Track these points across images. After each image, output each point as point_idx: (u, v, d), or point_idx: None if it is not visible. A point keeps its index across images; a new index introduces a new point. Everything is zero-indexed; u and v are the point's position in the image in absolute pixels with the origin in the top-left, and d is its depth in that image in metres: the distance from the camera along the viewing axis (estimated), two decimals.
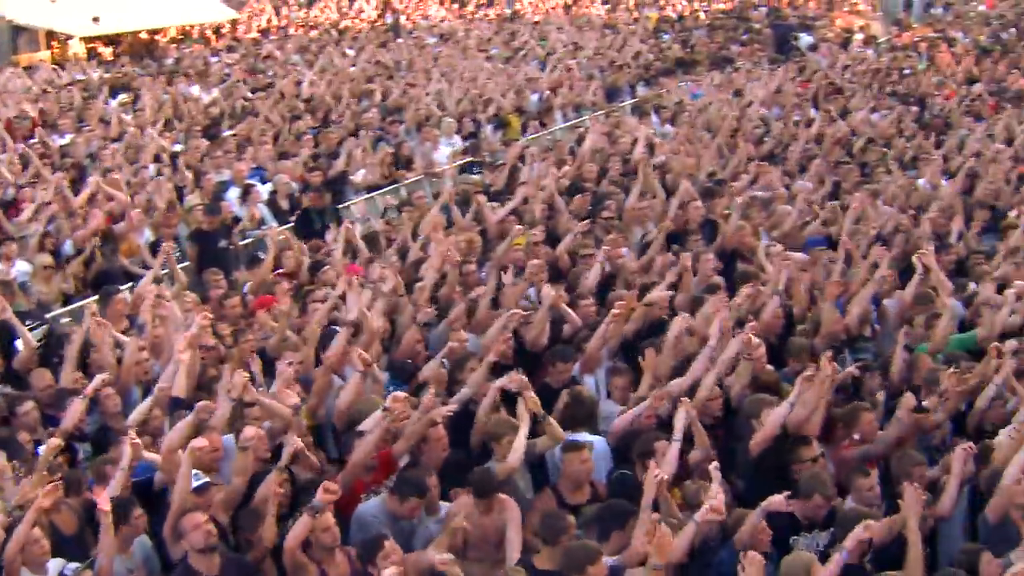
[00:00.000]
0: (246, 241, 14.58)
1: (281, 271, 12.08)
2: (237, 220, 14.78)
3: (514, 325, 9.86)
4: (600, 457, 8.57)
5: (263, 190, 15.78)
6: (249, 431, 7.85)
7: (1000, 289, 11.25)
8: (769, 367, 9.56)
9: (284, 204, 15.88)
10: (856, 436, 8.81)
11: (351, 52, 26.14)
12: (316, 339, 10.03)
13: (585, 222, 13.06)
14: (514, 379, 8.54)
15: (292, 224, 15.00)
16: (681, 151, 16.54)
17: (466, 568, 7.01)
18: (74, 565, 7.20)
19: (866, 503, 7.76)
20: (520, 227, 12.54)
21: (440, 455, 8.32)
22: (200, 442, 7.56)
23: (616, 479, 8.22)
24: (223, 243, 13.94)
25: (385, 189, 17.09)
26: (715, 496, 7.01)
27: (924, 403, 8.91)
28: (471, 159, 18.26)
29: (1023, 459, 7.62)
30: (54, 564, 7.15)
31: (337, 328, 9.99)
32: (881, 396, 9.47)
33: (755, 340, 9.10)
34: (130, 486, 7.70)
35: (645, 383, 9.30)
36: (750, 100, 20.98)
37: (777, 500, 7.14)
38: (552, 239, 12.98)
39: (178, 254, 12.78)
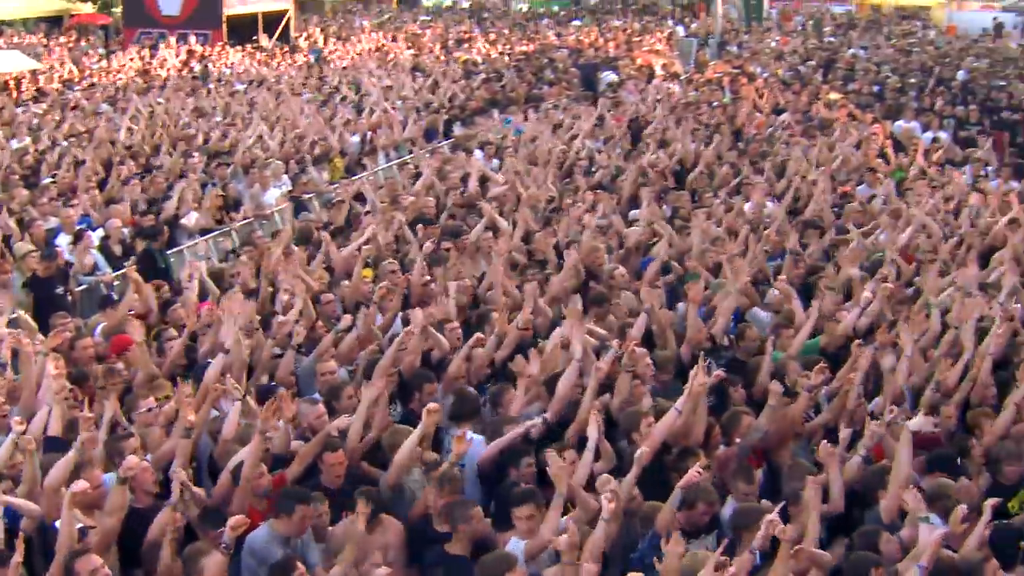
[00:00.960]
0: (81, 287, 14.28)
1: (132, 312, 11.77)
2: (69, 266, 14.40)
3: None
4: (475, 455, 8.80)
5: (94, 236, 15.35)
6: (131, 460, 7.64)
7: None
8: None
9: (117, 249, 15.51)
10: (737, 440, 9.09)
11: (161, 100, 25.59)
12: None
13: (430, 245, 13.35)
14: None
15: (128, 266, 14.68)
16: (516, 183, 16.74)
17: None
18: None
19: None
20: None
21: (336, 479, 8.26)
22: (80, 485, 7.33)
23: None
24: (59, 289, 13.65)
25: (216, 232, 16.87)
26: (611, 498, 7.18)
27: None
28: (299, 198, 18.19)
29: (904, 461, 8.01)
30: None
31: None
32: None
33: (639, 351, 9.33)
34: None
35: (519, 399, 9.44)
36: (574, 133, 21.38)
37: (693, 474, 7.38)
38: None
39: None
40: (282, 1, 43.26)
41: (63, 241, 15.15)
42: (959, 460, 8.96)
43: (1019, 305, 11.76)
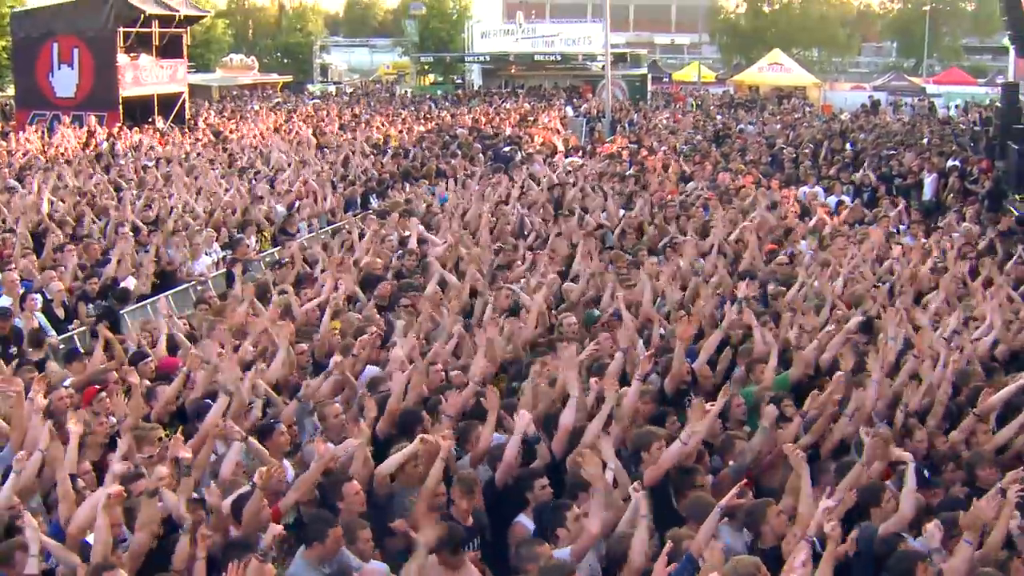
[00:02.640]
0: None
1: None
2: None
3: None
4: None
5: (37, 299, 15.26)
6: (161, 470, 7.70)
7: None
8: None
9: (60, 312, 15.43)
10: (731, 463, 9.45)
11: (68, 176, 25.40)
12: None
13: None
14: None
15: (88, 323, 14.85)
16: (457, 244, 17.09)
17: None
18: None
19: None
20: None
21: (360, 507, 8.38)
22: (115, 488, 7.41)
23: None
24: (12, 350, 13.51)
25: (152, 299, 16.84)
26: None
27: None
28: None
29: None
30: None
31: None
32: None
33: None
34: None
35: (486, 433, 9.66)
36: (498, 200, 21.86)
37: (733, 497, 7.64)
38: None
39: None
40: (177, 84, 43.33)
41: (4, 303, 14.99)
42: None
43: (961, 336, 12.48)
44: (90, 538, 7.54)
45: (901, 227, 21.35)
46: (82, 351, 12.86)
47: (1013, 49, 42.81)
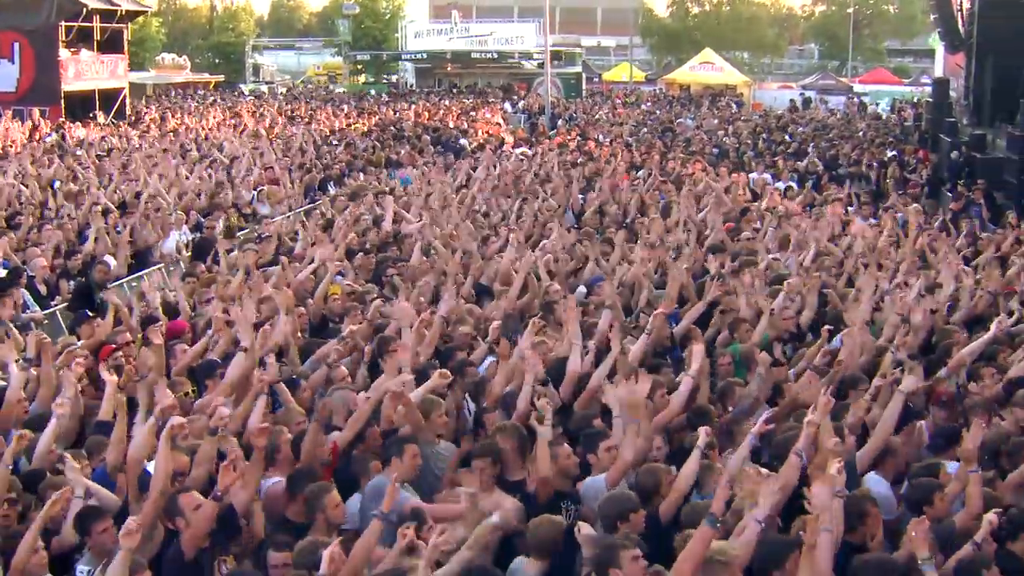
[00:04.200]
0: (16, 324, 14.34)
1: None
2: None
3: None
4: None
5: None
6: (223, 410, 8.03)
7: None
8: None
9: (42, 288, 15.61)
10: (731, 408, 9.99)
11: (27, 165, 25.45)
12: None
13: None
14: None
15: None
16: (434, 220, 17.56)
17: None
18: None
19: None
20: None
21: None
22: (177, 420, 7.75)
23: None
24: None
25: (129, 277, 17.07)
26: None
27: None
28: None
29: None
30: None
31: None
32: None
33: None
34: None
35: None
36: (462, 184, 22.40)
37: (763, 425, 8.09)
38: None
39: None
40: (117, 80, 43.27)
41: None
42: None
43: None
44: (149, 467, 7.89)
45: (850, 208, 22.10)
46: (64, 327, 13.07)
47: (943, 46, 44.25)
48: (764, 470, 7.11)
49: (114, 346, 11.30)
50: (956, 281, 14.11)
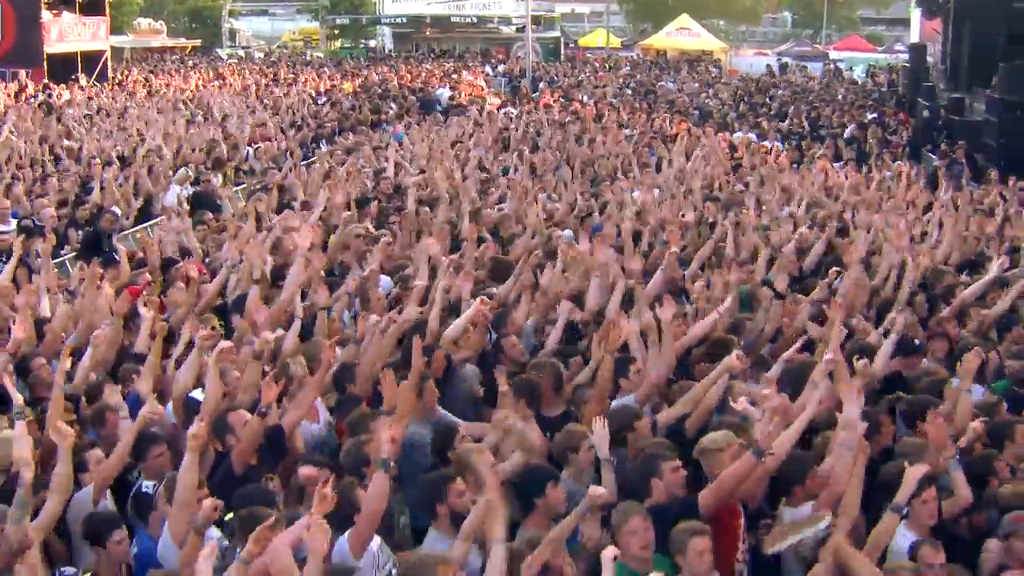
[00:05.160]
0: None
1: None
2: None
3: None
4: None
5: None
6: (268, 335, 8.42)
7: None
8: None
9: (52, 238, 15.85)
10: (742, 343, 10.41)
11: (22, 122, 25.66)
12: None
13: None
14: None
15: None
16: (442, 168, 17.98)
17: None
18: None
19: None
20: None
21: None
22: (225, 344, 8.14)
23: None
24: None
25: (134, 228, 17.39)
26: None
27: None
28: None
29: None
30: None
31: None
32: None
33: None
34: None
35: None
36: (456, 140, 22.80)
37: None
38: None
39: None
40: (99, 42, 43.20)
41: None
42: None
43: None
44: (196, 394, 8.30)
45: (836, 166, 22.56)
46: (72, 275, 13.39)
47: (919, 11, 44.75)
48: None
49: (138, 287, 11.66)
50: (948, 228, 14.60)
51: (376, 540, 6.55)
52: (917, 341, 10.17)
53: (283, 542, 5.79)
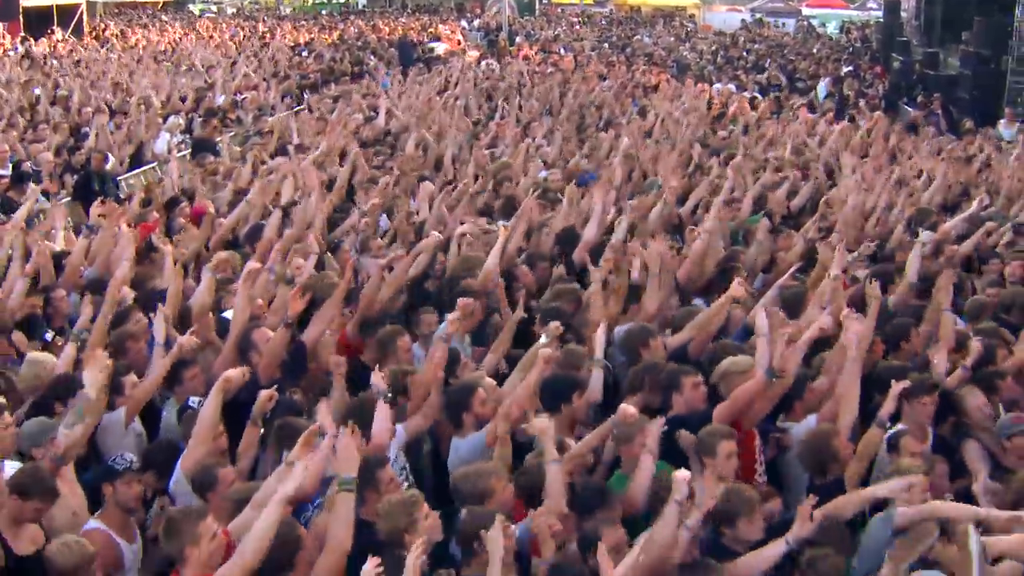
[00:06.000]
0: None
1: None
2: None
3: None
4: None
5: None
6: (300, 261, 8.75)
7: None
8: None
9: (47, 182, 16.10)
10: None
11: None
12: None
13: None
14: None
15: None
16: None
17: None
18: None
19: None
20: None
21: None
22: (255, 266, 8.47)
23: None
24: None
25: (128, 175, 17.62)
26: None
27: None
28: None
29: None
30: None
31: None
32: None
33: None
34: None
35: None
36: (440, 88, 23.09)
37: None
38: None
39: None
40: None
41: None
42: None
43: None
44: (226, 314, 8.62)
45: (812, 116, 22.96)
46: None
47: None
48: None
49: (150, 224, 11.95)
50: (937, 174, 15.01)
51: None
52: None
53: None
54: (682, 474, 5.72)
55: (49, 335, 8.90)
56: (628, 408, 6.78)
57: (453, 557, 6.08)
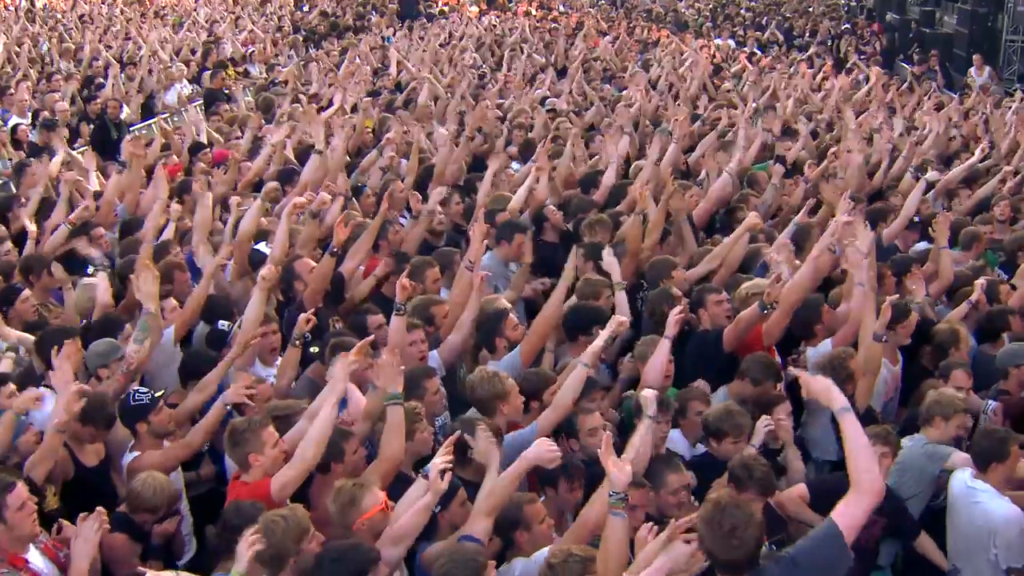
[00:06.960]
0: None
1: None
2: None
3: None
4: None
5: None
6: (324, 195, 9.25)
7: None
8: None
9: (65, 132, 16.35)
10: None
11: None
12: None
13: None
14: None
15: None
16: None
17: None
18: None
19: None
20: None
21: None
22: (298, 200, 8.88)
23: None
24: None
25: (140, 124, 17.89)
26: None
27: None
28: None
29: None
30: None
31: None
32: None
33: None
34: None
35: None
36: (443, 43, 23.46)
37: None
38: None
39: None
40: None
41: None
42: None
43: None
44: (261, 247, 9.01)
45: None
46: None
47: None
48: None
49: (173, 166, 12.30)
50: (934, 126, 15.35)
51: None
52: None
53: None
54: (651, 392, 6.18)
55: (90, 270, 9.24)
56: (618, 318, 7.14)
57: None
